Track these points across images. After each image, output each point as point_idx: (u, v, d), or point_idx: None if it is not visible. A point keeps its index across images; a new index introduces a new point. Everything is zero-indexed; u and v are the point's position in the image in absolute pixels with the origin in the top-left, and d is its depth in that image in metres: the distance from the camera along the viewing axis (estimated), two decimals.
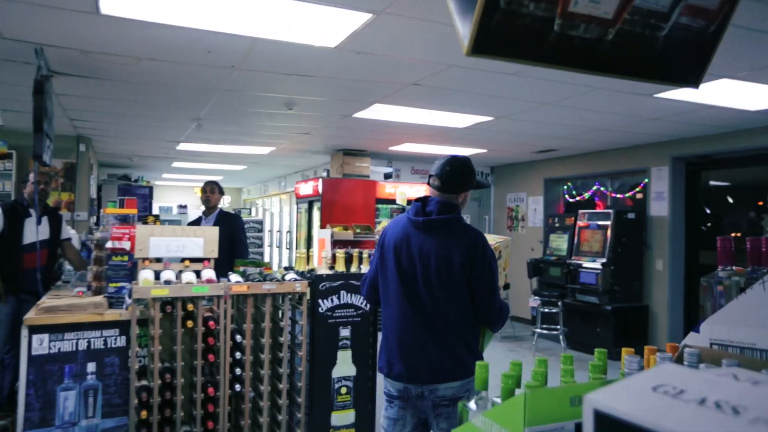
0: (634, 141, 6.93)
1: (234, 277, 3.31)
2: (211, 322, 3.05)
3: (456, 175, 2.40)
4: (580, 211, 7.41)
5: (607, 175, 7.93)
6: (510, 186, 9.64)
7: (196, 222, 5.10)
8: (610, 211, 6.92)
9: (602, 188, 8.12)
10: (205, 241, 3.32)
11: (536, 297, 7.23)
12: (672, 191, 6.81)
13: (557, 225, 8.00)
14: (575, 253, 7.29)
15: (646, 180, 7.19)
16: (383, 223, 6.26)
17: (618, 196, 7.88)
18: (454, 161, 2.43)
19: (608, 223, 6.89)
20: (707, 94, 4.48)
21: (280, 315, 3.38)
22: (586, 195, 8.34)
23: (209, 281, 3.12)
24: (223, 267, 3.59)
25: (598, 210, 7.26)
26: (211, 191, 4.99)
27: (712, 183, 7.00)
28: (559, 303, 6.86)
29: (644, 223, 7.06)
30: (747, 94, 4.49)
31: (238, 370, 3.16)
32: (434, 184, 2.41)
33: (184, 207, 12.95)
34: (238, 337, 3.19)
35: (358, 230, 7.52)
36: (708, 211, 6.96)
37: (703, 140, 6.41)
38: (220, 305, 3.12)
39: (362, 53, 3.64)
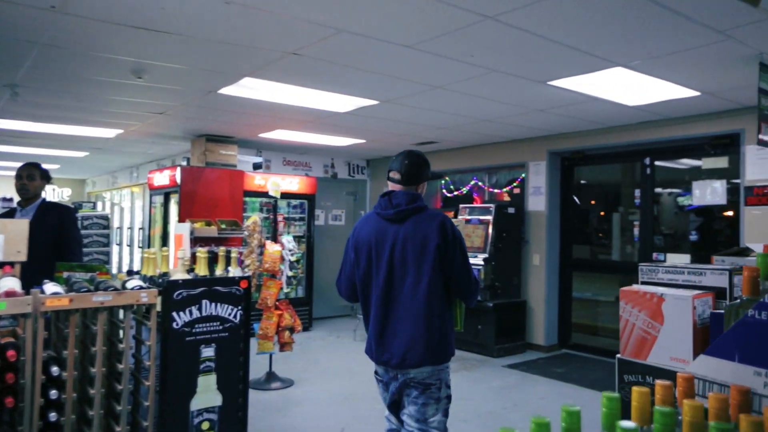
0: (513, 135, 6.86)
1: (51, 287, 2.43)
2: (10, 351, 2.16)
3: (414, 168, 2.55)
4: (462, 205, 7.21)
5: (485, 169, 7.85)
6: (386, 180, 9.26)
7: (9, 215, 3.98)
8: (492, 205, 6.78)
9: (480, 183, 8.04)
10: (5, 240, 2.39)
11: None
12: (549, 186, 6.84)
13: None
14: None
15: (524, 175, 7.18)
16: (253, 217, 5.49)
17: (496, 191, 7.83)
18: (412, 155, 2.60)
19: (489, 217, 6.75)
20: (597, 84, 4.36)
21: (121, 334, 2.57)
22: (464, 190, 8.22)
23: (9, 294, 2.23)
24: (43, 273, 2.68)
25: (479, 204, 7.11)
26: (29, 177, 3.88)
27: (582, 179, 7.17)
28: None
29: (523, 218, 7.03)
30: (632, 87, 4.44)
31: (53, 415, 2.29)
32: (395, 178, 2.57)
33: (9, 200, 10.93)
34: (55, 369, 2.32)
35: (223, 226, 6.66)
36: (579, 206, 7.11)
37: (578, 136, 6.49)
38: (27, 327, 2.23)
39: (233, 3, 2.92)
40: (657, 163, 6.10)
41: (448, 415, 2.51)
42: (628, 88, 4.47)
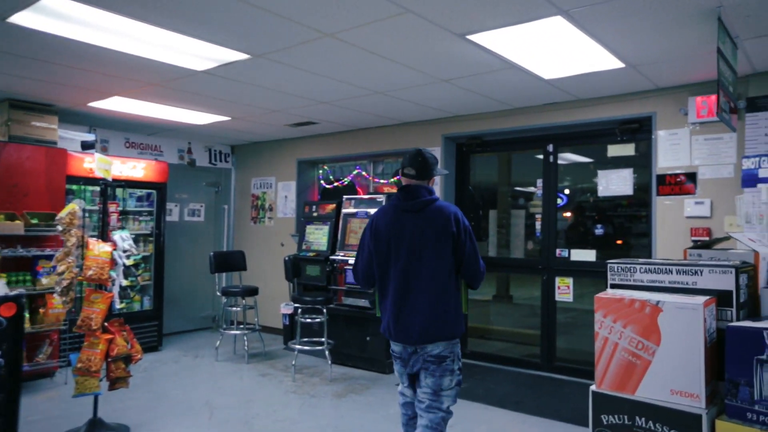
0: (404, 116, 6.00)
1: None
2: None
3: (427, 163, 2.84)
4: (346, 197, 6.21)
5: (370, 157, 6.94)
6: (255, 169, 8.00)
7: None
8: (382, 196, 5.86)
9: (364, 173, 7.11)
10: None
11: (290, 303, 5.76)
12: (444, 176, 6.09)
13: (315, 214, 6.68)
14: (340, 247, 6.06)
15: None
16: (71, 206, 3.99)
17: (381, 181, 6.95)
18: (424, 152, 2.89)
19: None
20: (523, 43, 3.60)
21: None
22: (346, 180, 7.24)
23: None
24: None
25: (366, 195, 6.15)
26: None
27: (480, 167, 6.54)
28: (324, 309, 5.53)
29: None
30: (557, 50, 3.76)
31: None
32: (410, 173, 2.84)
33: None
34: None
35: (35, 221, 5.05)
36: (475, 198, 6.45)
37: (478, 119, 5.80)
38: None
39: None
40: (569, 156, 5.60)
41: (461, 385, 2.84)
42: (552, 51, 3.78)
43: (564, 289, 5.45)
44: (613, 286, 2.38)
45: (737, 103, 4.37)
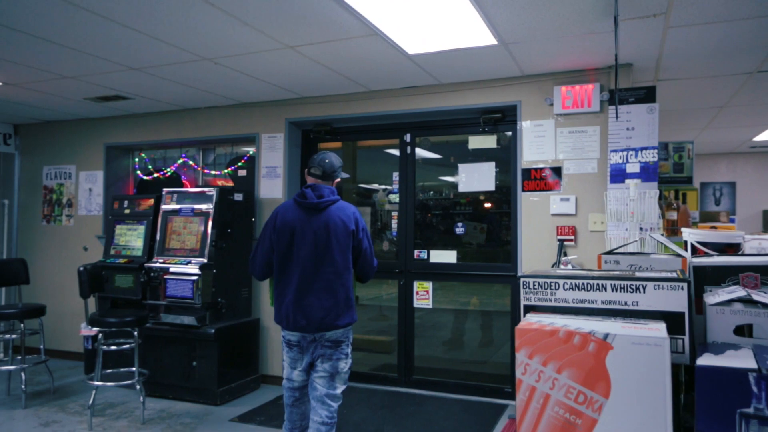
0: (241, 95, 5.02)
1: None
2: None
3: (332, 167, 3.12)
4: (167, 190, 5.04)
5: (200, 143, 5.82)
6: (49, 155, 6.37)
7: None
8: (212, 189, 4.82)
9: (191, 162, 5.95)
10: None
11: (91, 326, 4.42)
12: (288, 166, 5.22)
13: (128, 212, 5.40)
14: (159, 252, 4.88)
15: (254, 151, 5.41)
16: None
17: (213, 173, 5.87)
18: (330, 155, 3.15)
19: (208, 207, 4.78)
20: (392, 4, 2.90)
21: None
22: (169, 171, 6.02)
23: None
24: None
25: (193, 189, 5.05)
26: None
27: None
28: (135, 331, 4.33)
29: (254, 208, 5.26)
30: (429, 17, 3.14)
31: None
32: (316, 173, 3.10)
33: None
34: None
35: None
36: None
37: (327, 102, 5.04)
38: None
39: None
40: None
41: (351, 369, 3.12)
42: (424, 15, 3.14)
43: (423, 294, 4.92)
44: (529, 309, 1.76)
45: (602, 95, 4.16)
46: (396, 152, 5.10)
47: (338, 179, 3.17)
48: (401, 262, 4.95)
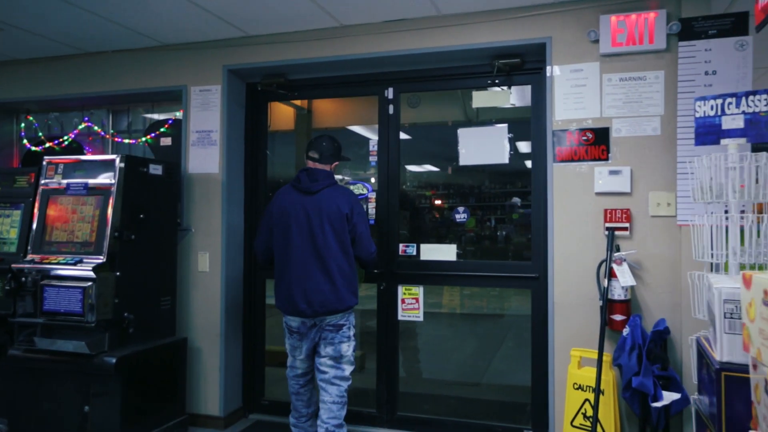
0: (162, 30, 3.61)
1: None
2: None
3: (330, 149, 3.09)
4: (48, 158, 3.55)
5: (109, 101, 4.35)
6: None
7: None
8: (114, 157, 3.38)
9: (97, 128, 4.48)
10: None
11: None
12: (227, 130, 3.85)
13: (2, 192, 3.89)
14: (36, 247, 3.40)
15: (180, 112, 4.01)
16: None
17: (128, 141, 4.42)
18: (328, 138, 3.11)
19: (110, 182, 3.34)
20: None
21: None
22: (67, 139, 4.53)
23: None
24: None
25: (87, 157, 3.60)
26: None
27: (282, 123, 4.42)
28: None
29: (179, 187, 3.85)
30: None
31: None
32: (314, 156, 3.08)
33: None
34: None
35: None
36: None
37: (281, 41, 3.69)
38: None
39: None
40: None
41: (355, 351, 3.06)
42: None
43: (411, 303, 3.66)
44: None
45: (669, 26, 3.00)
46: (360, 130, 3.83)
47: (336, 162, 3.14)
48: (381, 259, 3.66)
